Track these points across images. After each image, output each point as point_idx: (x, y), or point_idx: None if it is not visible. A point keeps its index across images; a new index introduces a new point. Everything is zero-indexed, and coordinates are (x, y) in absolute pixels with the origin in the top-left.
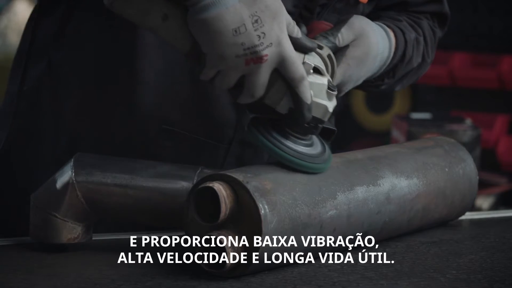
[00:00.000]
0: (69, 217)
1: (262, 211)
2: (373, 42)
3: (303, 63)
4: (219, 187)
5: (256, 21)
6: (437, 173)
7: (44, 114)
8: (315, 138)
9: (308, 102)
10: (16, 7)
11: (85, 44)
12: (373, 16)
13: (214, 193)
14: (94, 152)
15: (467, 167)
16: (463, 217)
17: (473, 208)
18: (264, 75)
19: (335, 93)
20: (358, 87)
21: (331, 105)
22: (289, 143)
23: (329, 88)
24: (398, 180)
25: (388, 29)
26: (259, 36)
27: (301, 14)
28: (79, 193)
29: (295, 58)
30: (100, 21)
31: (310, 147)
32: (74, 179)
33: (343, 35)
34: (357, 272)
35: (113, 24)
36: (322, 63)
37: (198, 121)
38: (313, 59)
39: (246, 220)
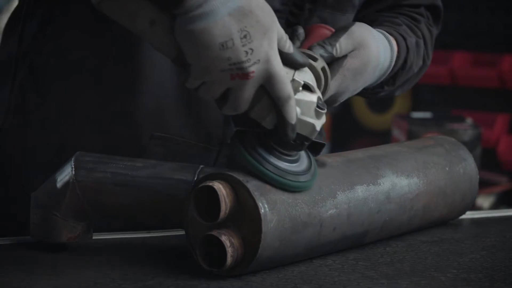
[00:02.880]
0: (69, 216)
1: (262, 210)
2: (373, 52)
3: (292, 80)
4: (219, 186)
5: (245, 36)
6: (437, 172)
7: (31, 120)
8: (302, 153)
9: (293, 122)
10: None
11: (68, 48)
12: (370, 18)
13: (214, 192)
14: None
15: (467, 166)
16: (463, 216)
17: (474, 207)
18: (249, 91)
19: (324, 111)
20: (357, 95)
21: (319, 123)
22: (272, 159)
23: (318, 106)
24: (398, 179)
25: (391, 38)
26: (247, 52)
27: (291, 12)
28: (80, 192)
29: (283, 77)
30: (83, 26)
31: (295, 163)
32: (74, 178)
33: (341, 45)
34: (357, 271)
35: (98, 29)
36: (314, 79)
37: (187, 125)
38: (304, 76)
39: (246, 219)
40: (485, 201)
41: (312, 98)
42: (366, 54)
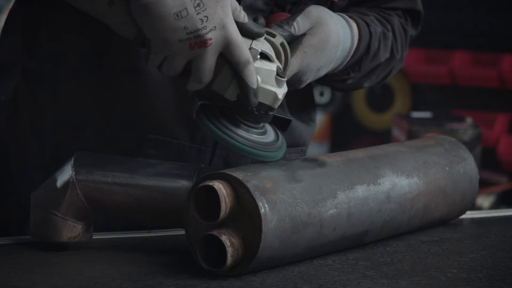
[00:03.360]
0: (69, 215)
1: (262, 210)
2: (332, 30)
3: (250, 48)
4: (219, 186)
5: (198, 4)
6: (437, 172)
7: (24, 124)
8: (268, 126)
9: (254, 86)
10: None
11: (63, 53)
12: (341, 11)
13: (214, 192)
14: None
15: (467, 166)
16: (463, 216)
17: (474, 207)
18: (210, 59)
19: (285, 79)
20: (324, 82)
21: (280, 92)
22: (240, 132)
23: (278, 74)
24: (398, 179)
25: (350, 19)
26: (202, 20)
27: (273, 11)
28: (80, 192)
29: (241, 42)
30: (79, 30)
31: (263, 135)
32: (74, 177)
33: (299, 24)
34: (357, 271)
35: (94, 33)
36: (272, 50)
37: (181, 127)
38: (261, 45)
39: (246, 219)
40: (485, 201)
41: (272, 66)
42: (324, 31)
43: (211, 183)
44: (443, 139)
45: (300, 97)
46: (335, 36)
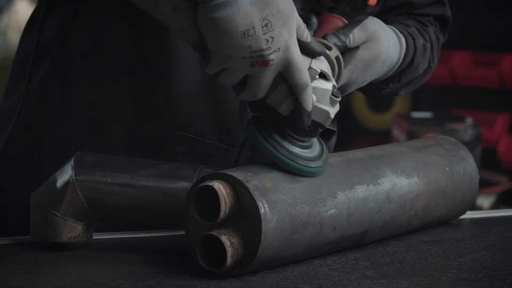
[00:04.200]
0: (69, 216)
1: (262, 210)
2: (384, 46)
3: (309, 68)
4: (219, 186)
5: (266, 25)
6: (437, 172)
7: (52, 114)
8: (314, 140)
9: (309, 109)
10: (17, 6)
11: (96, 46)
12: (380, 19)
13: (214, 192)
14: (104, 153)
15: (467, 166)
16: (463, 216)
17: (474, 207)
18: (268, 78)
19: (339, 99)
20: (360, 89)
21: (333, 111)
22: (286, 144)
23: (333, 94)
24: (398, 179)
25: (401, 35)
26: (267, 40)
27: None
28: (80, 192)
29: (301, 65)
30: (106, 21)
31: (308, 149)
32: (74, 178)
33: (355, 36)
34: (358, 271)
35: (129, 27)
36: (329, 67)
37: (210, 126)
38: (320, 64)
39: (246, 219)
40: (485, 201)
41: (328, 86)
42: (377, 47)
43: (211, 183)
44: (443, 139)
45: None
46: (386, 52)
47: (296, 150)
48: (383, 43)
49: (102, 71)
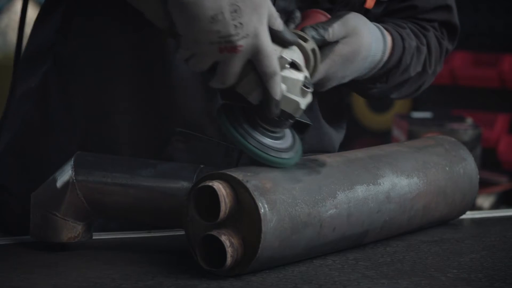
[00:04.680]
0: (69, 216)
1: (262, 210)
2: (365, 42)
3: (280, 57)
4: (219, 186)
5: (235, 10)
6: (437, 172)
7: (54, 111)
8: (287, 131)
9: (277, 98)
10: (17, 6)
11: (92, 40)
12: (377, 21)
13: (213, 192)
14: (106, 151)
15: (467, 166)
16: (463, 216)
17: (474, 207)
18: (236, 65)
19: (310, 90)
20: (350, 89)
21: (304, 101)
22: (256, 135)
23: (304, 85)
24: (398, 179)
25: (386, 32)
26: (236, 26)
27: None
28: (80, 192)
29: (270, 52)
30: (107, 17)
31: (279, 140)
32: (74, 178)
33: (334, 30)
34: (357, 271)
35: (132, 23)
36: (302, 58)
37: (212, 124)
38: (292, 54)
39: (245, 219)
40: (485, 201)
41: (299, 76)
42: (357, 42)
43: (210, 183)
44: (443, 139)
45: (332, 105)
46: (367, 48)
47: (267, 140)
48: (364, 39)
49: (103, 69)
